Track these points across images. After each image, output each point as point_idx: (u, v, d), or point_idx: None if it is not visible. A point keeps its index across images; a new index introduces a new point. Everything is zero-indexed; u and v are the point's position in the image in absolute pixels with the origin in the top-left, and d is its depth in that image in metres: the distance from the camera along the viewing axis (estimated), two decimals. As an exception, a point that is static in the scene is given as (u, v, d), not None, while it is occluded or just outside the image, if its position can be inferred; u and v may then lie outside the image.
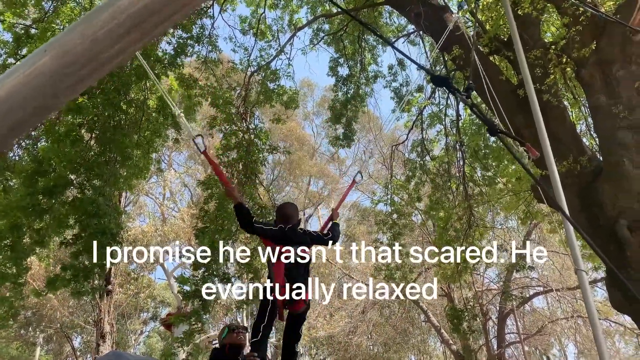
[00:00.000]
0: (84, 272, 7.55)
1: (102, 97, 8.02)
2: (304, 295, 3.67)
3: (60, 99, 0.95)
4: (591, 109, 6.69)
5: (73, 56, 0.94)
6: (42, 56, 0.93)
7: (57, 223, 7.61)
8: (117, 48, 0.97)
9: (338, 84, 12.02)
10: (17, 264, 7.54)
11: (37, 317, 25.36)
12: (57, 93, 0.93)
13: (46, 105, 0.94)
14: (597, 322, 3.92)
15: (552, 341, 24.10)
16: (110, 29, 0.94)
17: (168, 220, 27.31)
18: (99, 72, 0.96)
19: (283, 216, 3.95)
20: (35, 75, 0.91)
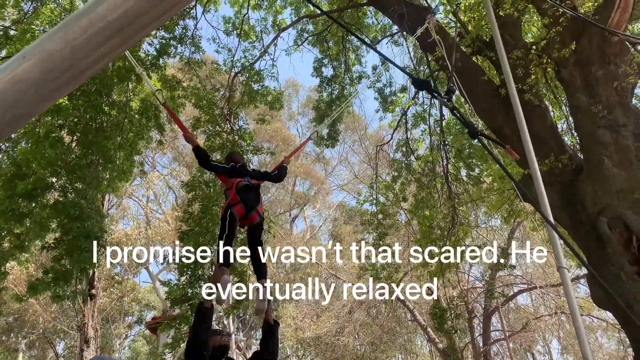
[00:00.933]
0: (64, 275, 7.44)
1: (84, 99, 7.90)
2: (258, 210, 4.31)
3: (39, 106, 0.93)
4: (571, 108, 6.81)
5: (53, 63, 0.93)
6: (21, 62, 0.91)
7: (39, 227, 7.48)
8: (97, 54, 0.96)
9: (322, 84, 12.03)
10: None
11: (19, 322, 24.93)
12: (36, 100, 0.91)
13: (25, 112, 0.93)
14: (579, 318, 3.98)
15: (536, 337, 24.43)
16: (90, 34, 0.93)
17: (152, 222, 27.05)
18: (80, 78, 0.95)
19: (232, 160, 4.61)
20: (14, 82, 0.89)
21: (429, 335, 19.85)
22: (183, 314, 8.27)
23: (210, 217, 8.35)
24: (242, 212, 4.18)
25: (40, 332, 24.04)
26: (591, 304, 18.01)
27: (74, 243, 7.50)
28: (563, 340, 21.41)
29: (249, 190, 4.31)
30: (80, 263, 7.66)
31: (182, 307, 8.28)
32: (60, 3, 8.63)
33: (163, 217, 26.51)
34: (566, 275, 4.18)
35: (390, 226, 12.82)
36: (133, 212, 28.89)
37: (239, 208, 4.16)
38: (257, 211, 4.31)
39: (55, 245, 7.74)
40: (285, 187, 33.39)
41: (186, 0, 1.03)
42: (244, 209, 4.19)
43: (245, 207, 4.19)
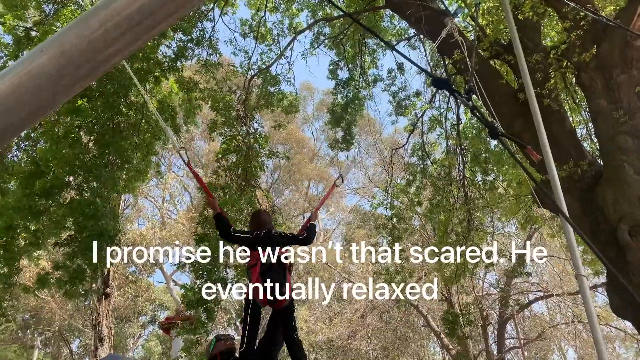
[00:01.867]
0: (77, 273, 7.51)
1: (102, 100, 8.00)
2: (287, 294, 3.85)
3: (57, 100, 0.93)
4: (591, 113, 6.69)
5: (70, 57, 0.93)
6: (39, 56, 0.91)
7: (54, 224, 7.57)
8: (113, 49, 0.96)
9: (338, 87, 12.02)
10: (9, 264, 7.49)
11: (35, 320, 25.31)
12: (54, 93, 0.91)
13: (43, 105, 0.93)
14: (597, 327, 3.89)
15: (552, 346, 24.03)
16: (106, 30, 0.93)
17: (167, 223, 27.27)
18: (96, 72, 0.95)
19: (256, 223, 4.26)
20: (32, 75, 0.90)
21: (443, 341, 19.65)
22: (198, 318, 8.30)
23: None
24: (266, 299, 3.78)
25: (56, 329, 24.36)
26: (610, 313, 17.66)
27: (88, 242, 7.58)
28: (580, 350, 21.02)
29: (276, 270, 3.88)
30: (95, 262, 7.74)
31: (197, 310, 8.30)
32: (80, 5, 8.76)
33: (178, 218, 26.72)
34: (585, 283, 4.09)
35: (405, 230, 12.72)
36: (148, 212, 29.17)
37: (263, 295, 3.75)
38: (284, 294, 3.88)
39: (68, 243, 7.83)
40: (299, 189, 33.42)
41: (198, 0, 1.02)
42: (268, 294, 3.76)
43: (270, 293, 3.76)
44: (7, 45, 8.55)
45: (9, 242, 7.26)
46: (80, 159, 7.73)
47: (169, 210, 29.20)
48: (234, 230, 4.06)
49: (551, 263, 19.34)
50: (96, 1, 8.35)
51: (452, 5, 10.31)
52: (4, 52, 8.61)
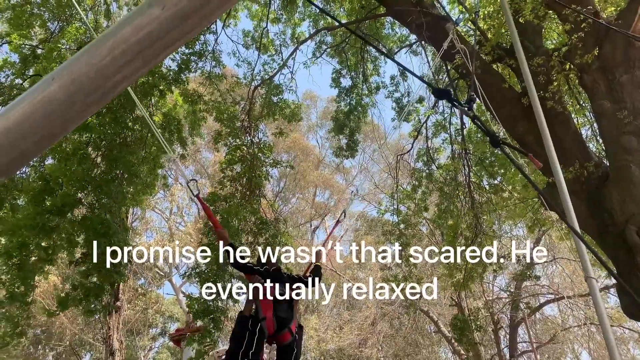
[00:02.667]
0: (94, 291, 7.57)
1: (110, 116, 8.09)
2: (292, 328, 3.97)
3: (67, 126, 0.97)
4: (595, 114, 6.68)
5: (80, 84, 0.96)
6: (50, 84, 0.95)
7: (67, 242, 7.64)
8: (121, 75, 0.99)
9: (341, 95, 12.08)
10: (25, 283, 7.57)
11: (47, 335, 25.38)
12: (65, 120, 0.95)
13: (54, 132, 0.96)
14: (609, 329, 3.87)
15: (565, 349, 23.78)
16: (114, 57, 0.96)
17: (175, 235, 27.35)
18: (105, 99, 0.98)
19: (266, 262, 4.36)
20: (44, 103, 0.93)
21: (454, 347, 19.52)
22: (205, 327, 8.32)
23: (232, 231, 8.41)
24: (273, 330, 3.84)
25: (67, 344, 24.42)
26: (622, 314, 17.49)
27: (102, 259, 7.64)
28: (593, 352, 20.79)
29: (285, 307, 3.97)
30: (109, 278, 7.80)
31: (204, 320, 8.33)
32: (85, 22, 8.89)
33: (186, 229, 26.79)
34: (595, 286, 4.07)
35: (413, 236, 12.69)
36: (156, 224, 29.28)
37: (269, 324, 3.82)
38: (290, 329, 3.96)
39: (82, 260, 7.89)
40: (305, 197, 33.45)
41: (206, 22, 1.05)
42: (275, 325, 3.84)
43: (276, 324, 3.84)
44: (13, 63, 8.68)
45: (22, 261, 7.33)
46: (90, 175, 7.81)
47: (177, 222, 29.31)
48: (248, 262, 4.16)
49: (561, 265, 19.20)
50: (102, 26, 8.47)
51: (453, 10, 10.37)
52: (10, 71, 8.74)
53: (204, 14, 0.99)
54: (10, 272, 7.54)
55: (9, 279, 7.61)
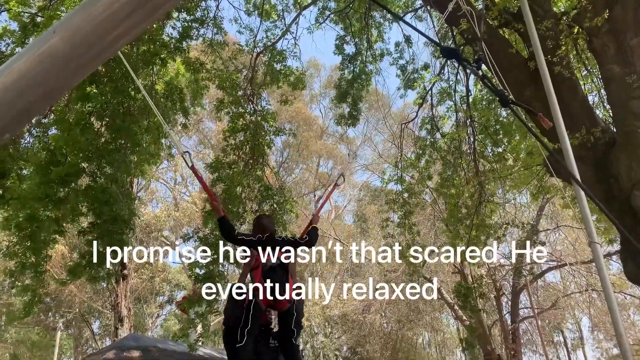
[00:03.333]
0: (98, 258, 7.66)
1: (111, 85, 8.02)
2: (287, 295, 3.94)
3: (68, 82, 0.95)
4: (604, 79, 6.57)
5: (81, 37, 0.94)
6: (51, 37, 0.92)
7: (71, 212, 7.69)
8: (122, 29, 0.97)
9: (344, 62, 11.89)
10: (37, 254, 7.65)
11: (56, 302, 25.92)
12: (65, 75, 0.93)
13: (57, 87, 0.94)
14: (611, 294, 3.90)
15: (565, 315, 24.13)
16: (113, 11, 0.93)
17: (180, 205, 27.54)
18: (106, 53, 0.96)
19: (259, 227, 4.33)
20: (45, 57, 0.91)
21: (456, 313, 19.83)
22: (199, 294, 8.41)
23: (234, 197, 8.44)
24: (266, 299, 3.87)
25: (77, 311, 24.96)
26: (624, 281, 17.66)
27: (105, 227, 7.71)
28: (594, 318, 21.11)
29: (277, 271, 3.97)
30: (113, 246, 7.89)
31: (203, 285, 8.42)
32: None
33: (190, 199, 26.95)
34: (598, 251, 4.08)
35: (416, 205, 12.71)
36: (161, 194, 29.46)
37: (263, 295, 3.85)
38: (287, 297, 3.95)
39: (90, 230, 7.97)
40: (309, 167, 33.44)
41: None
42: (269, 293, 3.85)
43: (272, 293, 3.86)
44: (13, 32, 8.56)
45: (33, 232, 7.40)
46: (93, 145, 7.80)
47: (181, 192, 29.46)
48: (238, 234, 4.15)
49: (564, 233, 19.28)
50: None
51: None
52: (10, 39, 8.63)
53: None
54: (21, 244, 7.63)
55: (20, 250, 7.70)
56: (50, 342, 27.92)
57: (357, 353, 25.72)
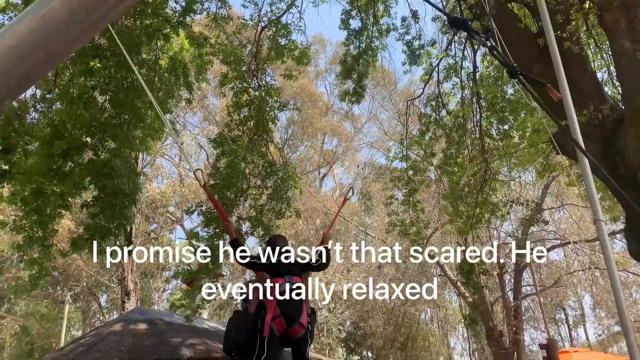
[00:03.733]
0: (101, 232, 7.73)
1: (114, 60, 7.95)
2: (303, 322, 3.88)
3: (69, 47, 0.93)
4: (614, 55, 6.45)
5: (79, 3, 0.92)
6: (50, 1, 0.90)
7: (75, 185, 7.73)
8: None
9: (350, 37, 11.71)
10: (43, 227, 7.72)
11: (64, 276, 26.31)
12: (66, 40, 0.91)
13: (58, 51, 0.92)
14: (615, 272, 3.91)
15: (568, 293, 24.29)
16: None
17: (185, 181, 27.64)
18: (108, 17, 0.94)
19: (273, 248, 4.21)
20: (45, 21, 0.89)
21: (459, 289, 20.00)
22: (205, 265, 8.49)
23: (237, 172, 8.45)
24: (283, 327, 3.80)
25: (84, 285, 25.34)
26: (627, 259, 17.71)
27: (107, 200, 7.76)
28: (596, 296, 21.25)
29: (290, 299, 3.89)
30: (115, 220, 7.95)
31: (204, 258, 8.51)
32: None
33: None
34: (603, 228, 4.08)
35: (421, 182, 12.68)
36: (167, 171, 29.55)
37: (278, 322, 3.79)
38: (301, 323, 3.88)
39: (93, 203, 8.02)
40: (313, 145, 33.36)
41: None
42: (284, 322, 3.79)
43: (286, 321, 3.79)
44: (16, 5, 8.47)
45: (40, 206, 7.46)
46: (97, 119, 7.79)
47: (186, 168, 29.51)
48: (251, 257, 4.11)
49: (569, 211, 19.27)
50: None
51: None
52: (13, 13, 8.55)
53: None
54: (28, 218, 7.69)
55: (27, 224, 7.77)
56: (59, 315, 28.47)
57: (360, 328, 26.13)
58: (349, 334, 26.93)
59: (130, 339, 10.55)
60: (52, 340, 28.35)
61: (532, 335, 27.51)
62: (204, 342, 11.27)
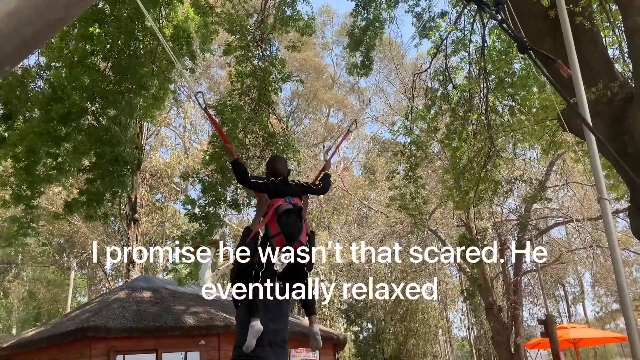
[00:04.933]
0: (96, 196, 7.75)
1: (115, 25, 7.82)
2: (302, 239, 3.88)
3: (70, 11, 0.91)
4: (627, 31, 6.31)
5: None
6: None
7: (74, 150, 7.71)
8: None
9: (358, 8, 11.48)
10: (31, 187, 7.71)
11: (70, 244, 26.66)
12: (67, 4, 0.89)
13: (58, 17, 0.90)
14: (617, 250, 3.92)
15: (568, 270, 24.47)
16: None
17: (190, 151, 27.66)
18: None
19: (274, 169, 4.20)
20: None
21: (460, 265, 20.16)
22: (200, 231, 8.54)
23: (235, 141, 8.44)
24: (283, 244, 3.79)
25: (90, 252, 25.69)
26: (629, 237, 17.75)
27: (106, 167, 7.76)
28: (596, 274, 21.39)
29: (291, 215, 3.87)
30: (112, 186, 7.97)
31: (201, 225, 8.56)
32: None
33: (200, 146, 27.02)
34: (607, 207, 4.07)
35: (424, 158, 12.63)
36: (172, 141, 29.53)
37: (278, 239, 3.78)
38: (300, 241, 3.85)
39: (90, 169, 8.01)
40: (318, 118, 33.16)
41: None
42: (284, 240, 3.78)
43: (286, 238, 3.78)
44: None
45: (30, 166, 7.42)
46: (98, 86, 7.71)
47: (191, 139, 29.51)
48: (251, 177, 4.07)
49: (572, 189, 19.22)
50: None
51: None
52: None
53: None
54: (17, 175, 7.68)
55: (16, 181, 7.77)
56: (65, 281, 28.98)
57: (362, 300, 26.48)
58: (349, 305, 27.33)
59: (135, 305, 10.74)
60: (58, 306, 28.94)
61: (531, 310, 27.87)
62: (206, 310, 11.47)
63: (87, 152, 7.87)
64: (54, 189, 16.13)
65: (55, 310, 28.38)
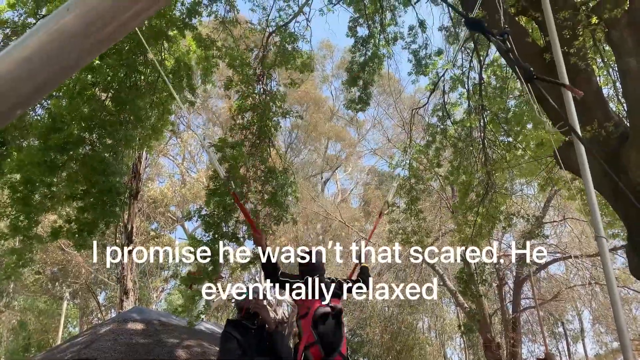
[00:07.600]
0: (87, 226, 7.72)
1: (116, 58, 7.97)
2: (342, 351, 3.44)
3: (83, 59, 0.94)
4: (620, 72, 6.47)
5: (96, 15, 0.93)
6: (65, 15, 0.92)
7: (67, 179, 7.73)
8: (138, 7, 0.96)
9: (357, 45, 11.75)
10: (29, 218, 7.70)
11: (63, 273, 26.32)
12: (80, 52, 0.92)
13: (70, 64, 0.94)
14: (615, 288, 3.89)
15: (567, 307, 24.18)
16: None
17: (187, 182, 27.67)
18: (123, 30, 0.95)
19: (307, 265, 3.76)
20: (59, 34, 0.90)
21: (458, 300, 19.93)
22: (204, 269, 8.46)
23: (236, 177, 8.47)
24: (320, 356, 3.28)
25: (83, 282, 25.35)
26: (627, 275, 17.63)
27: (98, 196, 7.75)
28: (595, 312, 21.15)
29: (329, 320, 3.40)
30: (104, 216, 7.95)
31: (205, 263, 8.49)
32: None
33: (197, 176, 27.07)
34: (604, 245, 4.06)
35: (423, 191, 12.69)
36: (169, 170, 29.57)
37: (315, 350, 3.27)
38: (341, 353, 3.38)
39: (81, 197, 8.00)
40: (317, 149, 33.37)
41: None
42: (322, 351, 3.28)
43: (324, 349, 3.29)
44: (26, 2, 8.53)
45: (26, 196, 7.42)
46: (97, 116, 7.79)
47: (188, 169, 29.56)
48: (282, 274, 3.61)
49: (570, 225, 19.22)
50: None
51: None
52: (23, 10, 8.61)
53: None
54: (14, 206, 7.65)
55: (13, 212, 7.74)
56: (57, 311, 28.46)
57: (358, 335, 26.02)
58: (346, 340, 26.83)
59: (126, 338, 10.53)
60: (49, 336, 28.34)
61: (530, 348, 27.39)
62: (199, 343, 11.24)
63: (80, 181, 7.88)
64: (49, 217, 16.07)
65: (46, 341, 27.77)
